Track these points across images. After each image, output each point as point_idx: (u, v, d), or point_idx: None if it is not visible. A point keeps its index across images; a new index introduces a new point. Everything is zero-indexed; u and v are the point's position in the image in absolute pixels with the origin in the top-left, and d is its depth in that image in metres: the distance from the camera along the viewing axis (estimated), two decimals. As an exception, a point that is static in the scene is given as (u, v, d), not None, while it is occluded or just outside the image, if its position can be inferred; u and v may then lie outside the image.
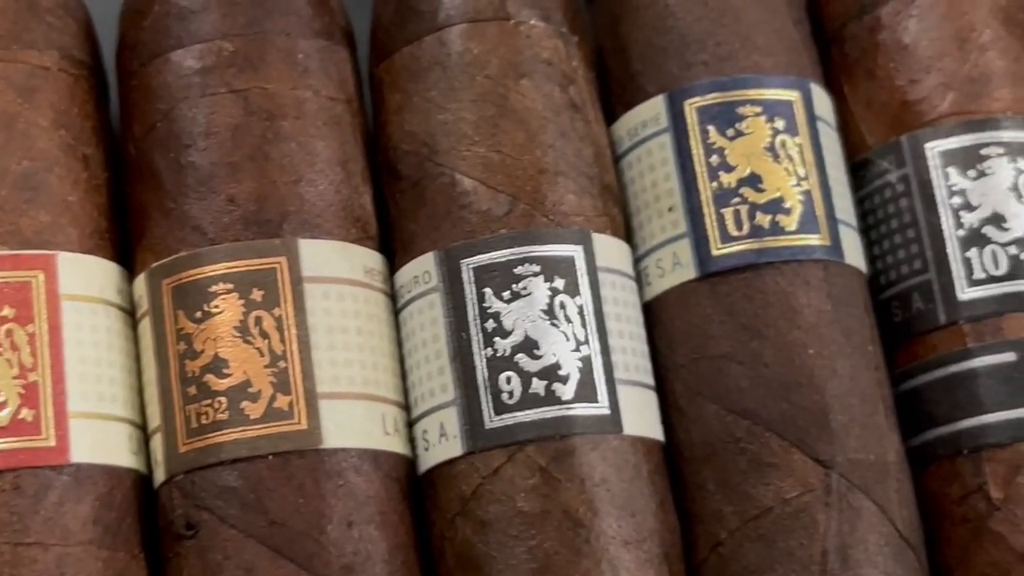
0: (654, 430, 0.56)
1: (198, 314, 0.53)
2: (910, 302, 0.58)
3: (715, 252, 0.56)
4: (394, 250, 0.57)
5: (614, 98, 0.61)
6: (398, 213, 0.58)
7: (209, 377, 0.53)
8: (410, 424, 0.56)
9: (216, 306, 0.53)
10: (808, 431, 0.54)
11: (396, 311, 0.57)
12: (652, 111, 0.59)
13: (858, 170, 0.61)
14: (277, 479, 0.52)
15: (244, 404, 0.52)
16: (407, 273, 0.56)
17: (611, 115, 0.61)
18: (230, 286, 0.53)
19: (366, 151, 0.59)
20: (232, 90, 0.56)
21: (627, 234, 0.59)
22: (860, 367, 0.56)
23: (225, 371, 0.53)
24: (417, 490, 0.56)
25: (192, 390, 0.53)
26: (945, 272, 0.58)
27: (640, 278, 0.59)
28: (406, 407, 0.56)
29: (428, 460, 0.55)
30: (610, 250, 0.56)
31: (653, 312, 0.58)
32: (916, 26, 0.60)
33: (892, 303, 0.59)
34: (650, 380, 0.57)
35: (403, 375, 0.56)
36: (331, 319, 0.54)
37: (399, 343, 0.57)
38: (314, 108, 0.56)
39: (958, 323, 0.57)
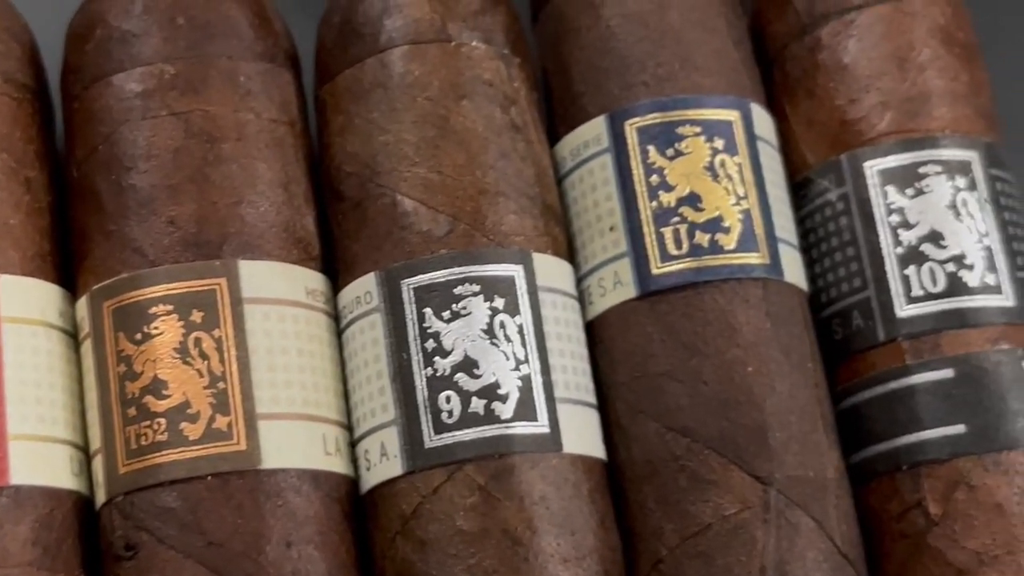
0: (595, 448, 0.56)
1: (138, 336, 0.53)
2: (850, 320, 0.59)
3: (655, 271, 0.57)
4: (337, 271, 0.58)
5: (557, 119, 0.61)
6: (341, 234, 0.58)
7: (148, 399, 0.53)
8: (353, 444, 0.56)
9: (156, 328, 0.53)
10: (747, 448, 0.55)
11: (339, 332, 0.57)
12: (593, 131, 0.59)
13: (799, 189, 0.61)
14: (216, 500, 0.52)
15: (183, 425, 0.52)
16: (349, 294, 0.57)
17: (555, 136, 0.61)
18: (170, 308, 0.53)
19: (310, 173, 0.59)
20: (173, 113, 0.56)
21: (570, 254, 0.59)
22: (799, 384, 0.57)
23: (164, 392, 0.53)
24: (361, 510, 0.56)
25: (132, 411, 0.53)
26: (884, 290, 0.58)
27: (583, 297, 0.59)
28: (349, 427, 0.56)
29: (370, 480, 0.55)
30: (551, 269, 0.57)
31: (595, 331, 0.58)
32: (855, 46, 0.61)
33: (833, 321, 0.60)
34: (592, 399, 0.57)
35: (346, 395, 0.57)
36: (271, 340, 0.54)
37: (342, 363, 0.57)
38: (256, 130, 0.57)
39: (897, 340, 0.58)
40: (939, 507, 0.56)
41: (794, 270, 0.59)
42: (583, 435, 0.55)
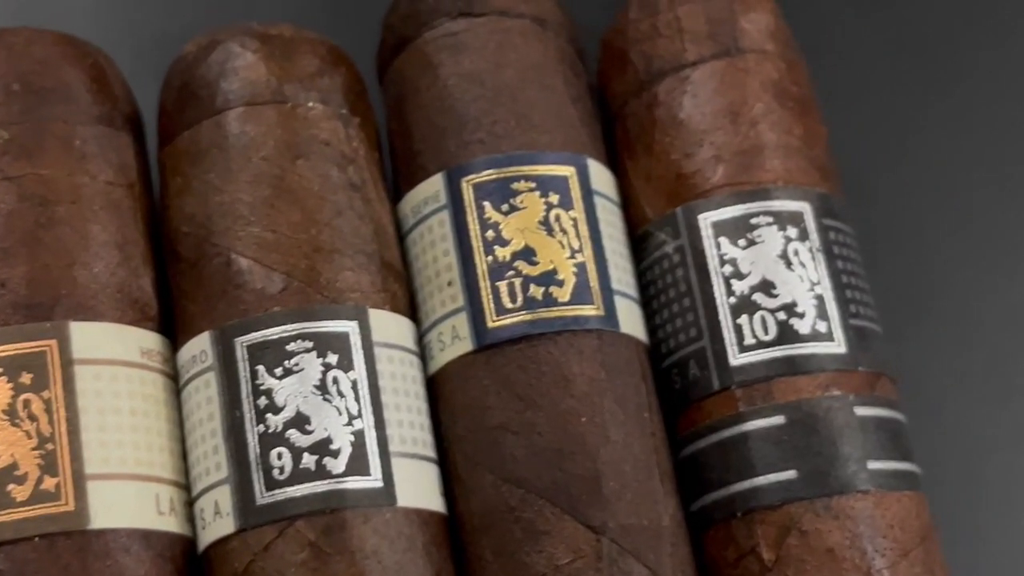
0: (432, 502, 0.56)
1: (-33, 398, 0.54)
2: (687, 370, 0.60)
3: (490, 324, 0.58)
4: (175, 331, 0.58)
5: (399, 177, 0.62)
6: (179, 294, 0.58)
7: (-25, 461, 0.53)
8: (192, 503, 0.56)
9: (-16, 390, 0.53)
10: (580, 498, 0.55)
11: (178, 391, 0.57)
12: (432, 189, 0.60)
13: (639, 242, 0.62)
14: (43, 561, 0.52)
15: (11, 487, 0.52)
16: (186, 353, 0.57)
17: (398, 194, 0.62)
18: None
19: (150, 234, 0.59)
20: (7, 177, 0.56)
21: (413, 310, 0.60)
22: (635, 434, 0.57)
23: (-8, 454, 0.53)
24: (200, 569, 0.56)
25: (-40, 475, 0.53)
26: (718, 339, 0.59)
27: (425, 352, 0.59)
28: (189, 486, 0.56)
29: (205, 538, 0.55)
30: (388, 325, 0.57)
31: (436, 385, 0.59)
32: (690, 102, 0.62)
33: (672, 371, 0.60)
34: (430, 452, 0.57)
35: (185, 455, 0.57)
36: (102, 400, 0.54)
37: (182, 423, 0.57)
38: (91, 193, 0.57)
39: (730, 388, 0.58)
40: (772, 553, 0.56)
41: (631, 322, 0.59)
42: (419, 489, 0.56)
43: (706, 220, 0.60)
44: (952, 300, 0.70)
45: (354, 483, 0.54)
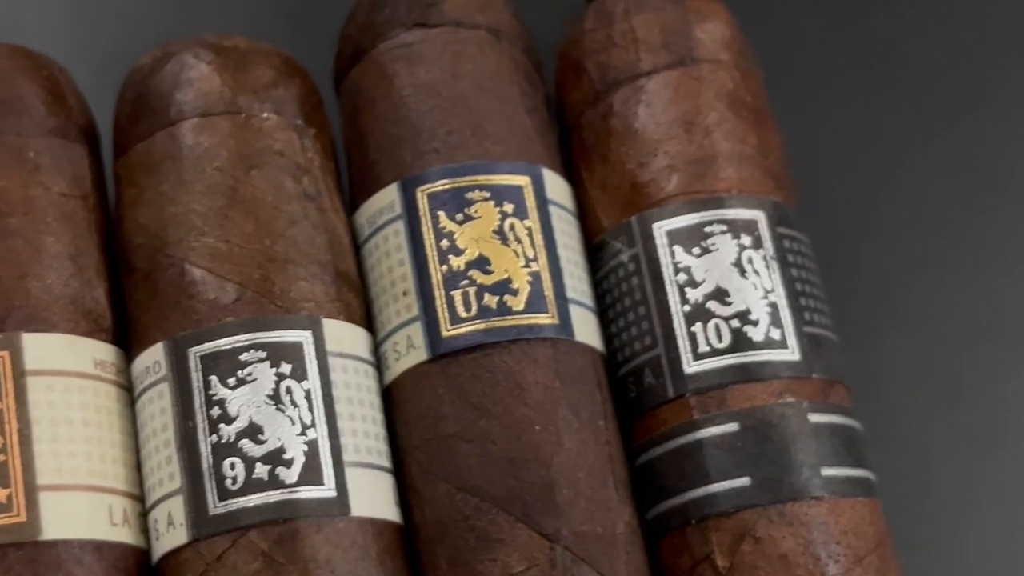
0: (386, 511, 0.56)
1: (-81, 410, 0.53)
2: (642, 378, 0.60)
3: (445, 333, 0.58)
4: (130, 342, 0.58)
5: (356, 188, 0.62)
6: (133, 305, 0.58)
7: (-72, 473, 0.53)
8: (146, 514, 0.56)
9: (-64, 402, 0.53)
10: (533, 506, 0.55)
11: (133, 402, 0.57)
12: (388, 199, 0.60)
13: (596, 252, 0.63)
14: (-6, 572, 0.52)
15: (-38, 499, 0.52)
16: (140, 364, 0.57)
17: (355, 205, 0.62)
18: (-49, 382, 0.54)
19: (105, 246, 0.59)
20: (-41, 188, 0.56)
21: (369, 320, 0.60)
22: (589, 442, 0.57)
23: (-57, 466, 0.53)
24: (154, 580, 0.56)
25: (-88, 486, 0.53)
26: (672, 347, 0.59)
27: (380, 362, 0.60)
28: (143, 497, 0.56)
29: (159, 549, 0.55)
30: (342, 335, 0.57)
31: (392, 395, 0.59)
32: (644, 111, 0.62)
33: (628, 379, 0.61)
34: (385, 462, 0.57)
35: (139, 466, 0.57)
36: (55, 412, 0.54)
37: (135, 434, 0.57)
38: (44, 204, 0.57)
39: (685, 396, 0.58)
40: (726, 560, 0.56)
41: (587, 330, 0.60)
42: (373, 498, 0.56)
43: (661, 229, 0.60)
44: (907, 308, 0.70)
45: (307, 493, 0.54)
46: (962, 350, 0.69)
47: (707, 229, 0.60)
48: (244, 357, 0.55)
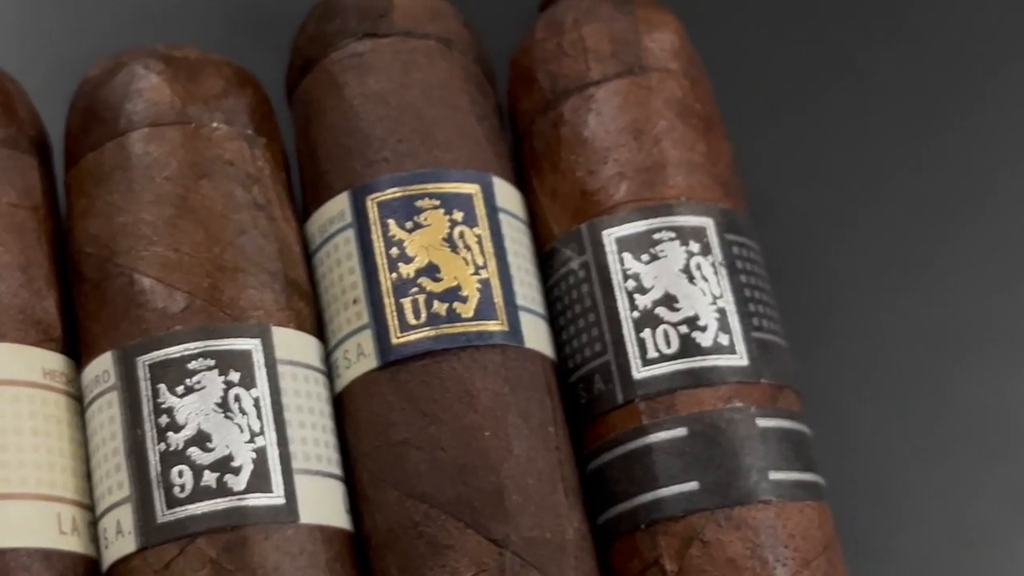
0: (336, 518, 0.56)
1: None
2: (592, 384, 0.60)
3: (394, 341, 0.58)
4: (80, 352, 0.58)
5: (307, 197, 0.63)
6: (83, 315, 0.58)
7: None
8: (95, 523, 0.56)
9: None
10: (483, 512, 0.56)
11: (83, 412, 0.58)
12: (338, 207, 0.60)
13: (547, 259, 0.63)
14: (-59, 582, 0.52)
15: (-91, 508, 0.52)
16: (90, 373, 0.57)
17: (307, 214, 0.62)
18: (-102, 391, 0.54)
19: (55, 256, 0.59)
20: (-93, 199, 0.56)
21: (320, 328, 0.60)
22: (539, 448, 0.58)
23: None
24: (104, 589, 0.56)
25: None
26: (622, 353, 0.59)
27: (331, 370, 0.60)
28: (92, 506, 0.56)
29: (108, 558, 0.55)
30: (292, 343, 0.58)
31: (342, 402, 0.59)
32: (594, 120, 0.63)
33: (578, 386, 0.61)
34: (335, 469, 0.57)
35: (89, 475, 0.57)
36: (3, 421, 0.54)
37: (85, 443, 0.57)
38: (-7, 214, 0.57)
39: (634, 401, 0.59)
40: (675, 564, 0.57)
41: (537, 337, 0.60)
42: (323, 505, 0.56)
43: (610, 236, 0.61)
44: (857, 314, 0.71)
45: (255, 500, 0.54)
46: (910, 356, 0.69)
47: (656, 236, 0.60)
48: (192, 365, 0.55)
